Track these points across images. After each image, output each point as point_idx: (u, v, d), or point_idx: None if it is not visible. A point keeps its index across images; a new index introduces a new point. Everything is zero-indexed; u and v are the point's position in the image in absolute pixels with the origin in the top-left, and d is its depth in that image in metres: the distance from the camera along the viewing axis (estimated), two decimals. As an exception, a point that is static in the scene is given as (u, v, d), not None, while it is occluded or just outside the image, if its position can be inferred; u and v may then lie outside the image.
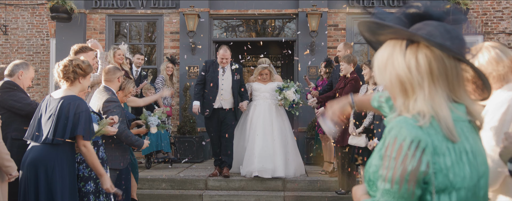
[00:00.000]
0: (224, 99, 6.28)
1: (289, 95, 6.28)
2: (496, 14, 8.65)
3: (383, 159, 1.21)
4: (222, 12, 8.49)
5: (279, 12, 8.45)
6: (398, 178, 1.17)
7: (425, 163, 1.16)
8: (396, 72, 1.25)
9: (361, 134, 5.24)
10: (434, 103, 1.21)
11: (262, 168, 6.02)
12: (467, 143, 1.22)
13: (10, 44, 9.07)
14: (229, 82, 6.30)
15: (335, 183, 6.02)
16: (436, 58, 1.22)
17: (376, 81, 1.34)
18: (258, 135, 6.20)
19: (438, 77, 1.22)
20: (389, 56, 1.28)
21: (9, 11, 9.06)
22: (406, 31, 1.22)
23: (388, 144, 1.20)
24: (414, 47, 1.24)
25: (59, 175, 3.09)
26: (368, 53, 8.59)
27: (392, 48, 1.28)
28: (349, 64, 5.73)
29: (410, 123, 1.18)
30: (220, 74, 6.30)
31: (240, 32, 8.99)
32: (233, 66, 6.34)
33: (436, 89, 1.22)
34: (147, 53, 9.04)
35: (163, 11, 8.51)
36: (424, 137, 1.17)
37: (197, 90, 6.31)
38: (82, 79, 3.30)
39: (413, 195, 1.17)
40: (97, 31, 8.53)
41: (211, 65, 6.34)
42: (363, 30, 1.36)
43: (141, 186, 6.16)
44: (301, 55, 8.24)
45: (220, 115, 6.28)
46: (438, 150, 1.17)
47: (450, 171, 1.18)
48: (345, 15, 8.39)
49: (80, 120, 3.10)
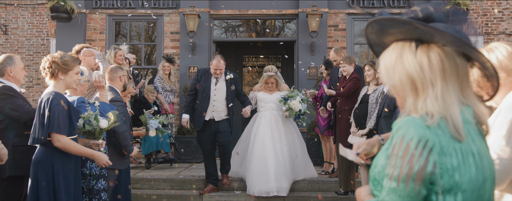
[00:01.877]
0: (217, 111, 5.82)
1: (295, 105, 5.84)
2: (496, 15, 8.65)
3: (390, 158, 1.22)
4: (222, 12, 8.49)
5: (279, 13, 8.45)
6: (405, 176, 1.17)
7: (432, 163, 1.17)
8: (407, 71, 1.26)
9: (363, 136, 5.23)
10: (445, 102, 1.22)
11: (280, 188, 5.62)
12: (473, 145, 1.22)
13: (10, 44, 9.07)
14: (222, 92, 5.84)
15: (335, 184, 6.03)
16: (447, 56, 1.24)
17: (383, 82, 1.35)
18: (269, 152, 5.70)
19: (450, 75, 1.23)
20: (398, 56, 1.29)
21: (9, 11, 9.06)
22: (426, 26, 1.22)
23: (396, 143, 1.21)
24: (424, 47, 1.26)
25: (61, 174, 3.09)
26: (368, 54, 8.59)
27: (400, 49, 1.29)
28: (350, 65, 5.72)
29: (418, 123, 1.19)
30: (212, 84, 5.83)
31: (240, 32, 8.99)
32: (227, 76, 5.86)
33: (448, 88, 1.23)
34: (147, 53, 9.04)
35: (163, 11, 8.51)
36: (432, 137, 1.17)
37: (187, 102, 5.89)
38: (62, 74, 3.20)
39: (418, 195, 1.18)
40: (97, 31, 8.54)
41: (204, 74, 5.86)
42: (371, 31, 1.37)
43: (141, 186, 6.17)
44: (301, 56, 8.24)
45: (212, 126, 5.83)
46: (445, 151, 1.17)
47: (456, 172, 1.18)
48: (345, 15, 8.39)
49: (53, 114, 3.03)
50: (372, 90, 5.33)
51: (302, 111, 5.87)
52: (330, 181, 6.11)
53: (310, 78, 8.14)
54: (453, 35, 1.20)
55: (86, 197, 3.58)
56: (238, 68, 11.08)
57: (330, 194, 5.89)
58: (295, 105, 5.82)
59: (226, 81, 5.85)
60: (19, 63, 3.78)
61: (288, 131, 6.03)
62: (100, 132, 3.39)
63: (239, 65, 11.17)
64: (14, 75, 3.72)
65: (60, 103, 3.09)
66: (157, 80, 7.43)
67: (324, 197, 5.81)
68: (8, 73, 3.70)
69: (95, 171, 3.56)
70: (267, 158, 5.67)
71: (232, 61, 10.94)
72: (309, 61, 8.15)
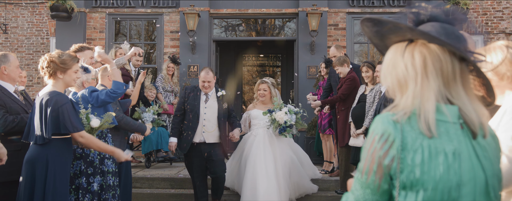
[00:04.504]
0: (208, 132, 5.11)
1: (279, 117, 5.23)
2: (496, 14, 8.65)
3: (362, 151, 1.29)
4: (222, 11, 8.49)
5: (279, 12, 8.44)
6: (368, 168, 1.24)
7: (391, 157, 1.21)
8: (396, 72, 1.29)
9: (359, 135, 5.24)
10: (423, 98, 1.23)
11: None
12: (449, 145, 1.20)
13: (10, 43, 9.07)
14: (214, 111, 5.17)
15: (335, 183, 6.03)
16: (431, 53, 1.26)
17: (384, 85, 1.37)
18: (260, 176, 5.03)
19: (432, 71, 1.25)
20: (391, 58, 1.32)
21: (9, 10, 9.06)
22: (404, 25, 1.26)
23: (368, 137, 1.27)
24: (411, 46, 1.29)
25: (53, 173, 3.10)
26: (368, 53, 8.59)
27: (394, 52, 1.33)
28: (342, 66, 5.73)
29: (386, 118, 1.24)
30: (202, 102, 5.17)
31: (240, 32, 8.99)
32: (219, 92, 5.23)
33: (429, 82, 1.24)
34: (147, 52, 9.04)
35: (163, 10, 8.50)
36: (393, 132, 1.21)
37: (175, 123, 5.21)
38: (60, 73, 3.21)
39: (379, 188, 1.23)
40: (97, 30, 8.53)
41: (192, 91, 5.22)
42: (370, 36, 1.41)
43: (141, 185, 6.17)
44: (301, 55, 8.24)
45: (203, 151, 5.11)
46: (408, 146, 1.20)
47: (418, 168, 1.18)
48: (345, 14, 8.39)
49: (63, 115, 3.05)
50: (369, 89, 5.33)
51: (288, 123, 5.24)
52: (330, 180, 6.11)
53: (310, 77, 8.14)
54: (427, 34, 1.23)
55: (105, 194, 3.67)
56: (238, 67, 11.10)
57: (330, 193, 5.89)
58: (280, 117, 5.24)
59: (217, 98, 5.23)
60: (14, 61, 3.65)
61: (283, 149, 5.43)
62: (91, 131, 3.42)
63: (239, 64, 11.18)
64: (8, 74, 3.61)
65: (69, 102, 3.14)
66: (159, 79, 7.43)
67: (324, 196, 5.82)
68: (2, 71, 3.58)
69: (111, 168, 3.70)
70: (257, 186, 5.00)
71: (232, 60, 10.95)
72: (309, 60, 8.15)
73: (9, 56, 3.64)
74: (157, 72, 8.56)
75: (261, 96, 5.57)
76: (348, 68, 5.77)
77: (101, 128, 3.51)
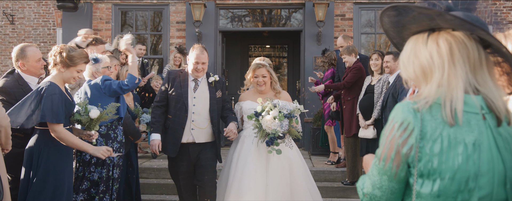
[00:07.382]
0: (198, 128, 4.01)
1: (266, 123, 3.74)
2: (506, 4, 8.52)
3: (381, 137, 1.30)
4: (229, 2, 8.44)
5: (286, 2, 8.38)
6: (385, 155, 1.26)
7: (409, 146, 1.21)
8: (419, 61, 1.29)
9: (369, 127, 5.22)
10: (450, 86, 1.22)
11: None
12: (469, 135, 1.20)
13: (17, 34, 9.10)
14: (205, 101, 4.05)
15: (341, 174, 6.02)
16: (457, 41, 1.25)
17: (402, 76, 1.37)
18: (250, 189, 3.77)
19: (459, 58, 1.24)
20: (411, 49, 1.32)
21: (16, 1, 9.07)
22: (432, 9, 1.23)
23: (388, 124, 1.28)
24: (435, 35, 1.28)
25: (55, 163, 3.13)
26: (375, 44, 8.52)
27: (414, 42, 1.32)
28: (350, 55, 5.71)
29: (406, 106, 1.24)
30: (190, 90, 4.05)
31: (247, 22, 8.94)
32: (210, 78, 4.12)
33: (456, 69, 1.23)
34: (153, 43, 9.03)
35: (169, 0, 8.47)
36: (413, 121, 1.21)
37: (156, 116, 4.04)
38: (63, 67, 3.17)
39: (396, 175, 1.25)
40: (103, 20, 8.52)
41: (177, 77, 4.09)
42: (388, 28, 1.39)
43: (147, 175, 6.20)
44: (308, 46, 8.19)
45: (192, 154, 4.03)
46: (427, 136, 1.20)
47: (436, 158, 1.19)
48: (352, 4, 8.30)
49: (46, 104, 3.03)
50: (376, 79, 5.29)
51: (277, 133, 3.70)
52: (337, 171, 6.10)
53: (316, 68, 8.10)
54: (456, 17, 1.20)
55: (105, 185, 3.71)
56: (244, 58, 11.07)
57: (336, 184, 5.89)
58: (267, 124, 3.73)
59: (209, 85, 4.11)
60: (32, 56, 3.52)
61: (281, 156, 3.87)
62: (91, 122, 3.39)
63: (245, 55, 11.15)
64: (27, 69, 3.54)
65: (57, 93, 3.08)
66: (165, 70, 7.42)
67: (330, 187, 5.81)
68: (21, 67, 3.53)
69: (114, 159, 3.72)
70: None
71: (238, 51, 10.92)
72: (315, 51, 8.10)
73: (26, 51, 3.51)
74: (163, 62, 8.55)
75: (260, 84, 4.15)
76: (355, 58, 5.74)
77: (102, 119, 3.44)
